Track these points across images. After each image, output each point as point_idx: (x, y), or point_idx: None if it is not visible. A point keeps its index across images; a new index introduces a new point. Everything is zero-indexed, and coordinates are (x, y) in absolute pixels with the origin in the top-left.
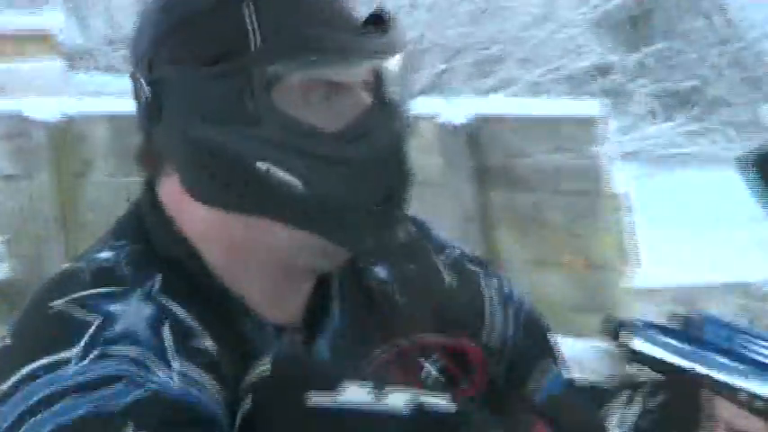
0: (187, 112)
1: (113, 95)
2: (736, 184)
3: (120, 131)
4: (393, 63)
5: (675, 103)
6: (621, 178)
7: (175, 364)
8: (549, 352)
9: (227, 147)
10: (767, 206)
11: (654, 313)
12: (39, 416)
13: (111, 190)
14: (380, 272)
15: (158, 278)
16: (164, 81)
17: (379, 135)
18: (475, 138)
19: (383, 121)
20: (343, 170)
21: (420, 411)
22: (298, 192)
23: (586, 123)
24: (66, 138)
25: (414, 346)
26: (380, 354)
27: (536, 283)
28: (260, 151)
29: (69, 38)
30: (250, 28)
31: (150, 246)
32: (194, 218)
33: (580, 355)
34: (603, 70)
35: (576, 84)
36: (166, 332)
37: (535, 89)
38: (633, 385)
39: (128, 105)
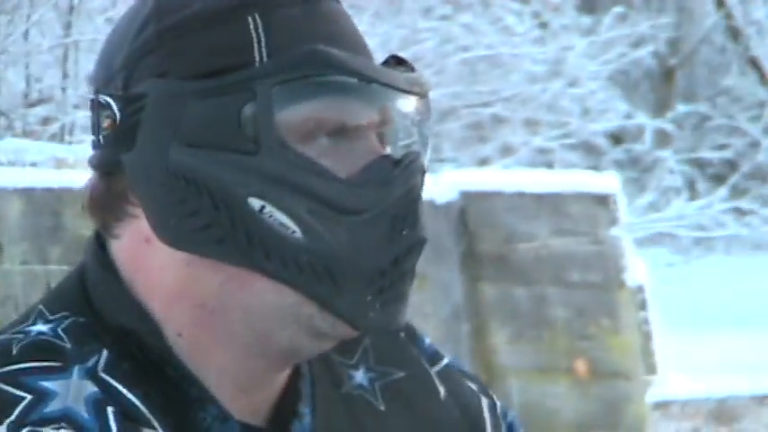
0: (169, 133)
1: (30, 165)
2: None
3: (37, 209)
4: (416, 106)
5: (704, 177)
6: (639, 268)
7: None
8: None
9: (214, 176)
10: None
11: (674, 430)
12: None
13: (24, 280)
14: (358, 376)
15: (104, 354)
16: (143, 97)
17: (396, 188)
18: (465, 219)
19: (401, 173)
20: (353, 220)
21: None
22: (295, 239)
23: (600, 201)
24: None
25: None
26: None
27: (536, 395)
28: (255, 185)
29: None
30: (255, 40)
31: (96, 318)
32: (159, 276)
33: None
34: (620, 137)
35: (590, 151)
36: (110, 417)
37: (541, 158)
38: None
39: (47, 177)
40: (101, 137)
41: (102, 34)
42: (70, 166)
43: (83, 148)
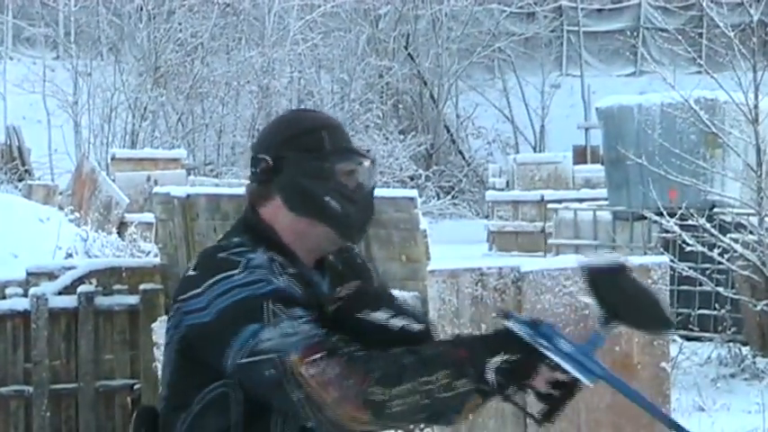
0: (295, 171)
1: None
2: (470, 226)
3: (215, 202)
4: (370, 165)
5: (443, 192)
6: (423, 223)
7: (281, 278)
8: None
9: (312, 188)
10: (598, 306)
11: (437, 285)
12: (225, 296)
13: (208, 226)
14: (336, 262)
15: (263, 247)
16: (284, 158)
17: (367, 192)
18: None
19: (369, 187)
20: (354, 204)
21: (402, 329)
22: (337, 210)
23: (411, 199)
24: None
25: (351, 285)
26: (341, 287)
27: (389, 269)
28: (325, 191)
29: None
30: (326, 140)
31: (255, 235)
32: (283, 222)
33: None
34: (414, 178)
35: (403, 183)
36: (275, 265)
37: (386, 185)
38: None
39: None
40: (258, 171)
41: None
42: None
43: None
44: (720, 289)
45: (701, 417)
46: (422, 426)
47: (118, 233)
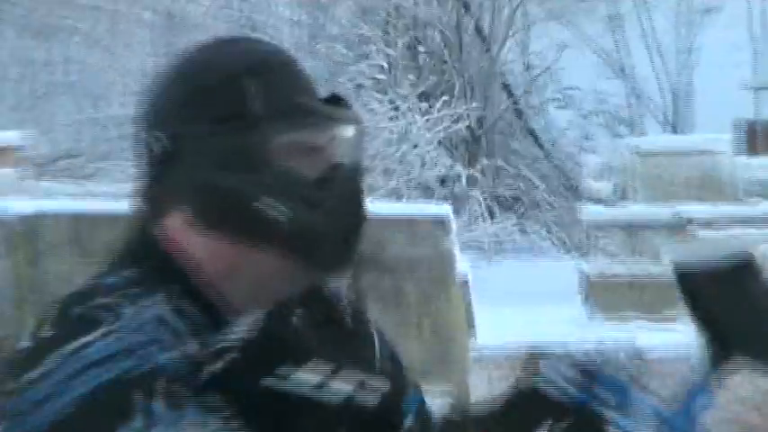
0: (203, 160)
1: None
2: (550, 270)
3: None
4: (353, 130)
5: (500, 207)
6: (462, 265)
7: (187, 346)
8: None
9: (232, 186)
10: (691, 315)
11: (487, 376)
12: (75, 381)
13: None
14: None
15: (164, 290)
16: (181, 136)
17: (347, 180)
18: None
19: (349, 172)
20: (317, 208)
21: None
22: (283, 221)
23: (438, 222)
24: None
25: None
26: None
27: (397, 347)
28: (258, 189)
29: None
30: (251, 94)
31: (153, 268)
32: (199, 245)
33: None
34: (445, 180)
35: (425, 191)
36: (179, 321)
37: (394, 194)
38: (543, 412)
39: None
40: (146, 159)
41: None
42: None
43: None
44: None
45: None
46: None
47: None
